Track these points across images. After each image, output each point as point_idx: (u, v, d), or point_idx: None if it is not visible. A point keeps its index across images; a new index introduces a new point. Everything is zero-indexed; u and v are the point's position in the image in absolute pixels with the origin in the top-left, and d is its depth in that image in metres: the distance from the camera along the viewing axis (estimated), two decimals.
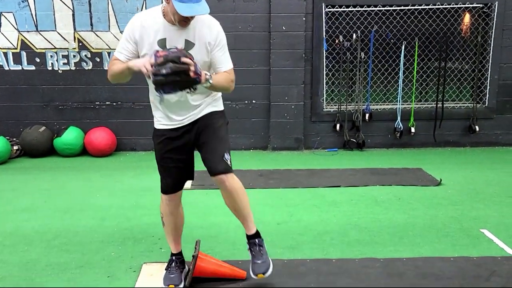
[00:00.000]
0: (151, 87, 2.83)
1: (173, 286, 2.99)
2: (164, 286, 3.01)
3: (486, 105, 6.95)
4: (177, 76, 2.48)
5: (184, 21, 2.66)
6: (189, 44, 2.73)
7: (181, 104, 2.85)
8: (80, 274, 3.25)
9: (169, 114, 2.89)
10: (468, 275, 3.17)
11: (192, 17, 2.66)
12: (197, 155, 3.00)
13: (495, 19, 6.69)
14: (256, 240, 3.00)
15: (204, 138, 2.90)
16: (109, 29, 6.49)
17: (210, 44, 2.77)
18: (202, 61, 2.77)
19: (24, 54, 6.52)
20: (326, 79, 6.83)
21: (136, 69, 2.62)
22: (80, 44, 6.53)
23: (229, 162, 2.89)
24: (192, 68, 2.51)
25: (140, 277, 3.20)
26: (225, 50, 2.86)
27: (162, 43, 2.71)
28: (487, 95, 6.92)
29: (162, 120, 2.93)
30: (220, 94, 3.03)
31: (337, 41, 6.79)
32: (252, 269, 2.94)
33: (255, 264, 2.93)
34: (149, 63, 2.52)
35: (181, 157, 2.96)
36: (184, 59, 2.49)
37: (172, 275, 3.04)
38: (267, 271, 2.91)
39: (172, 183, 3.00)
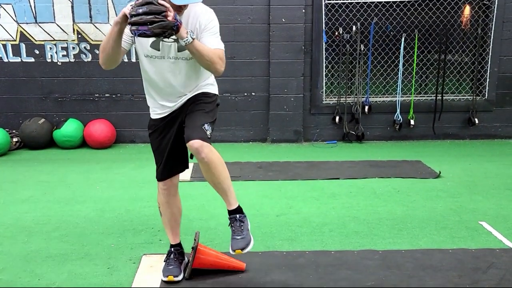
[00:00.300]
0: (146, 72, 2.85)
1: (172, 277, 3.00)
2: (163, 278, 3.02)
3: (486, 97, 6.95)
4: (155, 16, 2.40)
5: (177, 10, 2.62)
6: None
7: (172, 91, 2.85)
8: (80, 265, 3.27)
9: (161, 102, 2.90)
10: (467, 267, 3.19)
11: (185, 6, 2.63)
12: None
13: (495, 11, 6.67)
14: (237, 216, 2.86)
15: (189, 111, 2.86)
16: (108, 21, 6.47)
17: (200, 29, 2.73)
18: None
19: (23, 46, 6.50)
20: (325, 71, 6.83)
21: (119, 19, 2.54)
22: (79, 36, 6.51)
23: (208, 133, 2.76)
24: (170, 13, 2.45)
25: (139, 268, 3.21)
26: (216, 35, 2.78)
27: None
28: (487, 88, 6.92)
29: (157, 109, 2.94)
30: (213, 79, 3.00)
31: (336, 33, 6.78)
32: (231, 245, 2.79)
33: (234, 240, 2.79)
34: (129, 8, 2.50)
35: (174, 139, 2.94)
36: (161, 1, 2.45)
37: (171, 267, 3.05)
38: (246, 247, 2.77)
39: (162, 169, 3.01)
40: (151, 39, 2.69)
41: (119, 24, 2.55)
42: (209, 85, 2.98)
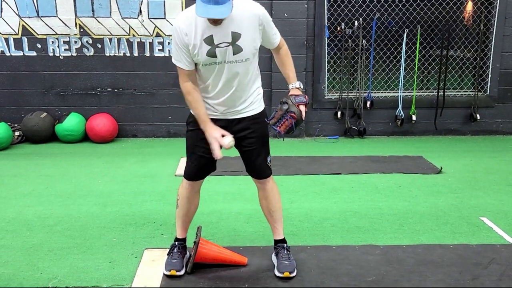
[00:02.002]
0: (200, 78, 2.87)
1: (174, 271, 3.01)
2: (165, 271, 3.04)
3: (488, 93, 6.94)
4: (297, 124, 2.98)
5: (212, 21, 2.61)
6: (236, 36, 2.69)
7: (230, 93, 2.84)
8: (82, 259, 3.28)
9: (214, 104, 2.88)
10: (468, 262, 3.20)
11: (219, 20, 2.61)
12: None
13: (497, 7, 6.66)
14: (284, 245, 3.13)
15: (253, 144, 2.97)
16: (111, 15, 6.46)
17: (264, 27, 2.82)
18: (253, 48, 2.78)
19: (25, 40, 6.50)
20: (327, 66, 6.82)
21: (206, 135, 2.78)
22: (82, 30, 6.50)
23: (270, 165, 3.09)
24: (303, 111, 2.97)
25: (141, 262, 3.22)
26: (273, 24, 2.94)
27: (209, 40, 2.67)
28: (489, 84, 6.91)
29: (212, 109, 2.91)
30: (261, 90, 3.06)
31: (339, 28, 6.76)
32: (278, 268, 3.02)
33: (282, 264, 3.01)
34: (217, 141, 2.74)
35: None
36: (303, 115, 2.98)
37: (174, 261, 3.06)
38: (293, 271, 3.00)
39: (196, 171, 3.02)
40: (207, 48, 2.69)
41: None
42: (260, 98, 3.04)
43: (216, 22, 2.62)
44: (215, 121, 2.87)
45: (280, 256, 3.06)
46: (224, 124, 2.90)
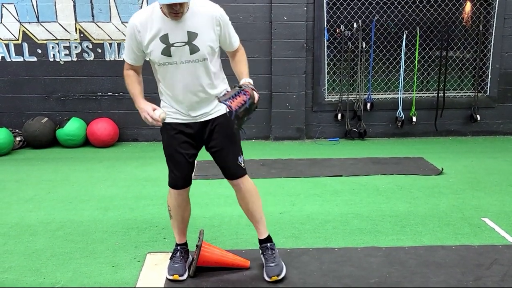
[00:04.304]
0: (162, 79, 2.89)
1: (177, 275, 3.01)
2: (168, 276, 3.04)
3: (488, 94, 6.95)
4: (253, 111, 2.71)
5: (173, 13, 2.62)
6: (192, 35, 2.71)
7: (192, 95, 2.84)
8: (84, 264, 3.28)
9: (179, 108, 2.89)
10: (470, 263, 3.20)
11: (179, 7, 2.59)
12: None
13: (496, 8, 6.67)
14: (268, 244, 3.09)
15: (219, 144, 2.94)
16: (110, 20, 6.48)
17: (220, 29, 2.79)
18: (209, 47, 2.77)
19: (25, 45, 6.52)
20: (327, 68, 6.83)
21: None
22: (82, 35, 6.52)
23: (243, 165, 3.03)
24: (256, 97, 2.70)
25: (144, 266, 3.23)
26: (231, 27, 2.90)
27: (164, 38, 2.70)
28: (488, 84, 6.92)
29: (172, 114, 2.91)
30: (224, 77, 3.06)
31: (338, 30, 6.78)
32: (266, 272, 2.99)
33: (268, 267, 3.00)
34: (149, 116, 2.70)
35: (192, 152, 2.97)
36: (256, 101, 2.71)
37: (176, 265, 3.07)
38: (280, 273, 2.97)
39: (182, 178, 3.00)
40: (161, 47, 2.70)
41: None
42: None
43: (177, 15, 2.63)
44: (186, 126, 2.90)
45: (265, 258, 3.05)
46: (196, 128, 2.91)
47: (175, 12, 2.61)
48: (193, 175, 3.02)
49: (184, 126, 2.91)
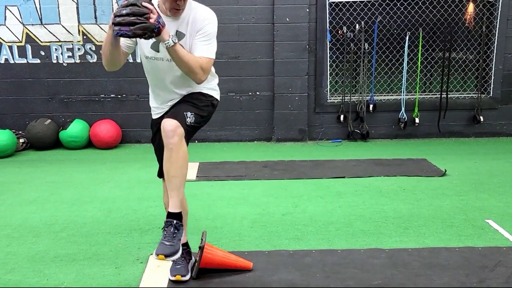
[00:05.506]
0: (147, 73, 2.93)
1: (180, 277, 3.02)
2: (170, 277, 3.04)
3: (491, 95, 6.93)
4: (137, 18, 2.44)
5: (175, 9, 2.64)
6: (180, 35, 2.72)
7: (169, 92, 2.90)
8: (88, 265, 3.29)
9: (158, 103, 2.99)
10: (474, 265, 3.19)
11: (183, 2, 2.62)
12: (200, 147, 3.01)
13: (499, 9, 6.66)
14: (174, 221, 2.71)
15: (177, 103, 2.90)
16: None
17: (198, 31, 2.72)
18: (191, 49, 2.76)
19: (29, 47, 6.54)
20: (330, 70, 6.83)
21: (111, 21, 2.55)
22: (85, 37, 6.54)
23: (188, 120, 2.71)
24: (153, 15, 2.46)
25: (147, 268, 3.23)
26: (208, 41, 2.74)
27: None
28: (492, 85, 6.90)
29: (155, 109, 3.03)
30: (214, 84, 3.00)
31: (340, 32, 6.78)
32: (156, 249, 2.64)
33: (161, 245, 2.63)
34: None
35: None
36: (145, 4, 2.47)
37: (178, 266, 3.07)
38: (172, 255, 2.62)
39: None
40: (151, 41, 2.71)
41: (112, 27, 2.54)
42: (208, 89, 2.96)
43: (177, 11, 2.65)
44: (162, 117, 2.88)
45: (164, 234, 2.68)
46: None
47: (177, 8, 2.64)
48: (195, 176, 3.02)
49: (160, 118, 2.91)
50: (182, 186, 2.73)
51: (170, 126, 2.61)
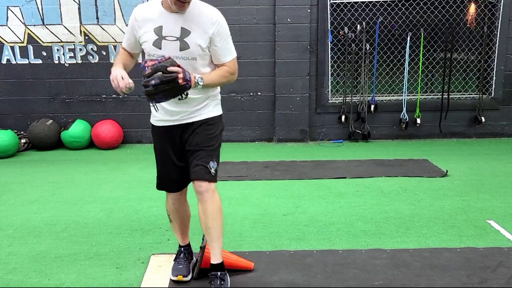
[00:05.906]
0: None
1: (181, 277, 3.01)
2: (172, 277, 3.04)
3: (492, 96, 6.93)
4: (166, 85, 2.50)
5: (180, 3, 2.62)
6: (185, 32, 2.69)
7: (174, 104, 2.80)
8: (89, 265, 3.29)
9: (163, 109, 2.83)
10: (475, 266, 3.19)
11: (188, 1, 2.63)
12: None
13: (501, 10, 6.66)
14: (219, 273, 2.84)
15: (194, 143, 2.80)
16: (115, 22, 6.50)
17: (213, 34, 2.71)
18: (199, 49, 2.71)
19: (30, 48, 6.55)
20: (331, 70, 6.83)
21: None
22: (86, 37, 6.55)
23: (213, 171, 2.77)
24: (180, 75, 2.51)
25: (148, 268, 3.23)
26: (228, 40, 2.82)
27: (158, 30, 2.71)
28: (493, 86, 6.90)
29: (158, 115, 2.87)
30: (219, 96, 2.97)
31: (342, 32, 6.78)
32: None
33: None
34: (116, 79, 2.69)
35: (180, 156, 2.89)
36: (171, 68, 2.50)
37: (180, 266, 3.07)
38: None
39: (173, 182, 2.96)
40: (154, 38, 2.72)
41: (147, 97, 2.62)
42: (216, 103, 2.91)
43: (183, 5, 2.63)
44: (168, 128, 2.84)
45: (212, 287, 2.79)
46: (178, 131, 2.83)
47: (183, 2, 2.62)
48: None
49: (164, 127, 2.86)
50: (221, 235, 2.84)
51: (202, 188, 2.73)
